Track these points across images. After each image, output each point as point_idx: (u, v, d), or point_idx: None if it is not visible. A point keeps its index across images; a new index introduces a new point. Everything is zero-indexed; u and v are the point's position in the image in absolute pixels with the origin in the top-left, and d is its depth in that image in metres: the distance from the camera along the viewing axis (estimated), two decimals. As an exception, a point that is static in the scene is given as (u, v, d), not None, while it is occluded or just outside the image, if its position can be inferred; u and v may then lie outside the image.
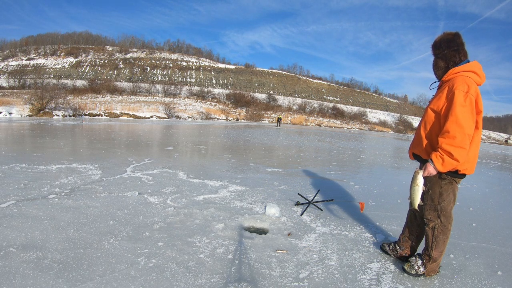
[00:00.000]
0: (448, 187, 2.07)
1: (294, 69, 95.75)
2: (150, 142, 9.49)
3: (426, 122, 2.10)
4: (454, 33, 2.08)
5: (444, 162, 1.90)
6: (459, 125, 1.85)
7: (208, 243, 2.45)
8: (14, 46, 76.21)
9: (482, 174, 8.06)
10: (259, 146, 10.53)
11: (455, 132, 1.85)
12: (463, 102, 1.87)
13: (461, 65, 2.03)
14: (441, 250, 2.15)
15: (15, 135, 9.23)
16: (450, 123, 1.88)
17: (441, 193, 2.08)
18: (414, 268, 2.17)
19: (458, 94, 1.88)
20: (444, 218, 2.11)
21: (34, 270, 1.90)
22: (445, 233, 2.13)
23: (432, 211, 2.12)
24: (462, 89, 1.89)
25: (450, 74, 2.03)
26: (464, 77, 1.97)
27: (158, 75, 71.38)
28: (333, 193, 4.40)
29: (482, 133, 76.19)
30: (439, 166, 1.91)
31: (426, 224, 2.17)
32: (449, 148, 1.87)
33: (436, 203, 2.10)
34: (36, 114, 20.37)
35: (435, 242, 2.13)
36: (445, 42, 2.07)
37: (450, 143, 1.86)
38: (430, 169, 1.95)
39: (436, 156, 1.92)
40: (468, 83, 1.91)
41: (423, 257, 2.19)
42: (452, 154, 1.86)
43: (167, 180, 4.46)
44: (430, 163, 1.96)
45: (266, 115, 47.36)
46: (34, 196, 3.32)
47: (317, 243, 2.61)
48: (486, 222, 3.61)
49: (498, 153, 19.72)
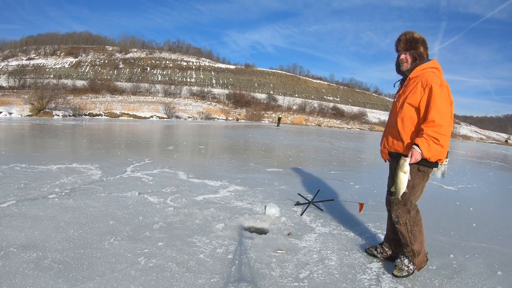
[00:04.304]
0: (420, 181, 2.11)
1: (294, 69, 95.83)
2: (150, 142, 9.49)
3: (403, 118, 2.10)
4: (414, 32, 2.14)
5: (430, 147, 1.91)
6: (442, 115, 1.90)
7: (208, 243, 2.45)
8: (14, 46, 76.16)
9: (482, 174, 8.06)
10: (259, 146, 10.53)
11: (440, 120, 1.89)
12: (440, 93, 1.93)
13: (426, 63, 2.10)
14: (421, 240, 2.17)
15: (15, 135, 9.22)
16: (434, 113, 1.92)
17: (413, 186, 2.09)
18: (404, 270, 2.14)
19: (435, 87, 1.94)
20: (413, 211, 2.14)
21: (34, 270, 1.90)
22: (417, 223, 2.16)
23: (401, 205, 2.12)
24: (437, 82, 1.96)
25: (418, 71, 2.08)
26: (432, 72, 2.05)
27: (158, 75, 71.35)
28: (333, 193, 4.40)
29: (482, 133, 76.18)
30: (425, 151, 1.91)
31: (397, 222, 2.15)
32: (435, 135, 1.90)
33: (407, 197, 2.10)
34: (36, 114, 20.36)
35: (413, 236, 2.14)
36: (422, 40, 2.11)
37: (437, 130, 1.90)
38: (416, 154, 1.95)
39: (422, 141, 1.92)
40: (440, 77, 2.01)
41: (408, 254, 2.17)
42: (438, 140, 1.89)
43: (167, 180, 4.46)
44: (416, 149, 1.95)
45: (266, 115, 47.37)
46: (34, 196, 3.32)
47: (317, 243, 2.61)
48: (486, 222, 3.61)
49: (498, 153, 19.71)
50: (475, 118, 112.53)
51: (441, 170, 7.96)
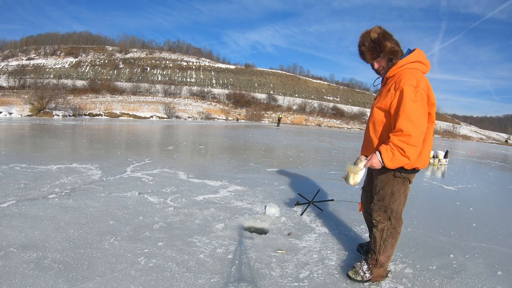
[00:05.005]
0: (400, 187, 1.93)
1: (294, 69, 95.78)
2: (150, 142, 9.49)
3: (374, 123, 1.94)
4: (378, 27, 1.89)
5: (394, 157, 1.73)
6: (412, 123, 1.69)
7: (208, 243, 2.45)
8: (14, 46, 76.11)
9: (482, 174, 8.06)
10: (259, 146, 10.53)
11: (408, 130, 1.69)
12: (413, 97, 1.71)
13: (405, 57, 1.87)
14: (389, 254, 2.02)
15: (15, 135, 9.22)
16: (402, 120, 1.71)
17: (392, 193, 1.93)
18: (360, 274, 2.02)
19: (407, 90, 1.72)
20: (394, 220, 1.97)
21: (34, 270, 1.90)
22: (394, 236, 1.99)
23: (382, 212, 1.97)
24: (411, 83, 1.73)
25: (395, 69, 1.87)
26: (411, 69, 1.83)
27: (158, 75, 71.33)
28: (333, 193, 4.40)
29: (482, 133, 75.98)
30: (387, 161, 1.74)
31: (375, 226, 2.02)
32: (402, 145, 1.70)
33: (387, 204, 1.95)
34: (36, 114, 20.35)
35: (383, 246, 1.98)
36: (382, 35, 1.85)
37: (404, 140, 1.70)
38: (375, 162, 1.79)
39: (387, 150, 1.74)
40: (417, 77, 1.76)
41: (370, 261, 2.04)
42: (404, 151, 1.70)
43: (167, 180, 4.46)
44: (377, 155, 1.78)
45: (266, 115, 47.35)
46: (34, 196, 3.32)
47: (317, 243, 2.61)
48: (486, 222, 3.61)
49: (498, 153, 19.71)
50: (475, 118, 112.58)
51: (441, 170, 7.96)
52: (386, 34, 1.87)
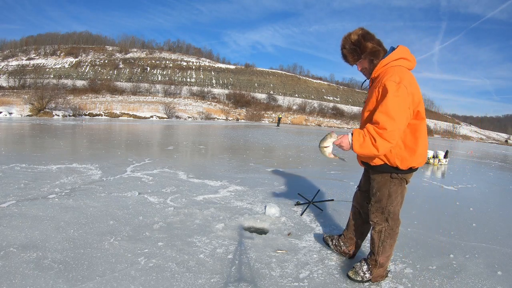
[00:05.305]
0: (397, 188, 1.93)
1: (294, 69, 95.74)
2: (150, 142, 9.49)
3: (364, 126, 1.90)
4: (360, 29, 1.88)
5: (364, 143, 1.69)
6: (390, 117, 1.65)
7: (208, 243, 2.45)
8: (14, 46, 76.12)
9: (482, 174, 8.06)
10: (259, 146, 10.53)
11: (385, 123, 1.65)
12: (395, 92, 1.68)
13: (388, 56, 1.84)
14: (388, 254, 2.02)
15: (15, 135, 9.22)
16: (380, 113, 1.68)
17: (389, 194, 1.93)
18: (360, 275, 2.03)
19: (389, 85, 1.70)
20: (392, 221, 1.97)
21: (34, 270, 1.90)
22: (392, 236, 1.99)
23: (379, 213, 1.97)
24: (394, 79, 1.71)
25: (379, 68, 1.85)
26: (394, 67, 1.80)
27: (158, 75, 71.32)
28: (333, 193, 4.40)
29: (482, 133, 75.99)
30: (356, 145, 1.71)
31: (373, 228, 2.02)
32: (375, 135, 1.67)
33: (384, 205, 1.94)
34: (36, 114, 20.35)
35: (382, 247, 1.98)
36: (362, 36, 1.84)
37: (379, 133, 1.66)
38: (345, 142, 1.76)
39: (359, 134, 1.72)
40: (400, 74, 1.73)
41: (369, 262, 2.05)
42: (376, 141, 1.67)
43: (167, 180, 4.46)
44: (348, 136, 1.76)
45: (266, 115, 47.35)
46: (34, 196, 3.32)
47: (317, 243, 2.61)
48: (486, 222, 3.61)
49: (498, 153, 19.71)
50: (475, 118, 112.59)
51: (441, 170, 7.96)
52: (367, 35, 1.86)
